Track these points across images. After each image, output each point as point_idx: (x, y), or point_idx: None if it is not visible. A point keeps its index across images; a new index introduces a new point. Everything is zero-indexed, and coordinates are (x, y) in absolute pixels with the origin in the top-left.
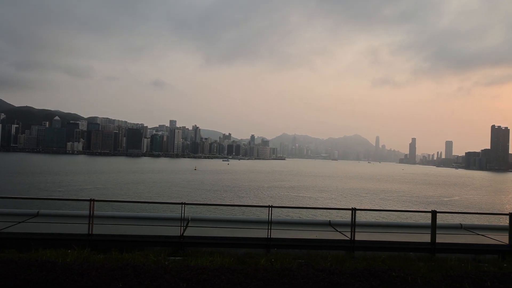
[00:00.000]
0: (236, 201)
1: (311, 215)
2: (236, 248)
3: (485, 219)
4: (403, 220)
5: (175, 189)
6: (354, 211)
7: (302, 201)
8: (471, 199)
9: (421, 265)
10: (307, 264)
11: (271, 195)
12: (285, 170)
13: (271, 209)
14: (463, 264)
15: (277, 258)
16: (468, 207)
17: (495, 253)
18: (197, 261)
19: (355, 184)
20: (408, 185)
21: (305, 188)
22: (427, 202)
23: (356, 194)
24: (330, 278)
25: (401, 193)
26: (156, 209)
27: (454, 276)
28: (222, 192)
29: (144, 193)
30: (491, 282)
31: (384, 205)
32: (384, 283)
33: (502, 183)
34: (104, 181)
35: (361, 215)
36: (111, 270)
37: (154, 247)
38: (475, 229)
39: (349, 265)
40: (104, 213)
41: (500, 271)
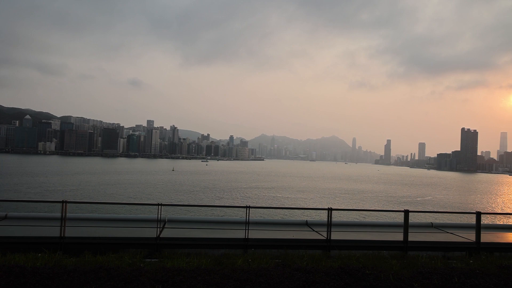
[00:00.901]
0: (215, 202)
1: (288, 215)
2: (213, 249)
3: (455, 217)
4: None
5: (152, 190)
6: (330, 211)
7: (280, 201)
8: (442, 198)
9: (393, 263)
10: (283, 264)
11: (250, 195)
12: (264, 171)
13: (248, 210)
14: (433, 261)
15: (255, 258)
16: (439, 207)
17: (463, 250)
18: (173, 262)
19: (332, 185)
20: (383, 185)
21: (283, 189)
22: (401, 202)
23: (333, 194)
24: (305, 277)
25: (377, 193)
26: (132, 211)
27: (424, 273)
28: (200, 193)
29: (120, 195)
30: (458, 278)
31: (360, 205)
32: (358, 281)
33: (471, 183)
34: (78, 182)
35: (337, 214)
36: (84, 273)
37: (130, 249)
38: (445, 227)
39: (324, 264)
40: (77, 215)
41: (467, 267)
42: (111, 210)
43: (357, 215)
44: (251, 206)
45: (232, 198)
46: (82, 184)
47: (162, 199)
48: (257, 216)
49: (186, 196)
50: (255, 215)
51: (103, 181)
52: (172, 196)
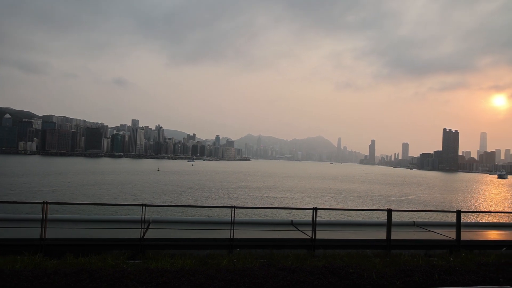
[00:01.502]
0: (200, 202)
1: (274, 215)
2: (198, 250)
3: (437, 216)
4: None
5: (136, 190)
6: (315, 211)
7: (266, 201)
8: (424, 197)
9: (377, 261)
10: (268, 264)
11: (236, 195)
12: (250, 171)
13: (234, 210)
14: (415, 259)
15: (240, 258)
16: (421, 205)
17: (444, 248)
18: (157, 263)
19: (318, 184)
20: (368, 185)
21: (269, 189)
22: (385, 201)
23: (318, 194)
24: (290, 277)
25: (361, 193)
26: (115, 212)
27: (406, 270)
28: (186, 193)
29: (104, 195)
30: (439, 275)
31: (344, 205)
32: (341, 280)
33: (452, 183)
34: (60, 182)
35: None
36: (65, 275)
37: (113, 251)
38: (427, 226)
39: (309, 263)
40: (58, 216)
41: (447, 264)
42: (94, 211)
43: (341, 214)
44: (236, 206)
45: (218, 199)
46: (64, 184)
47: (146, 200)
48: (243, 216)
49: (171, 197)
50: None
51: (86, 182)
52: (157, 196)
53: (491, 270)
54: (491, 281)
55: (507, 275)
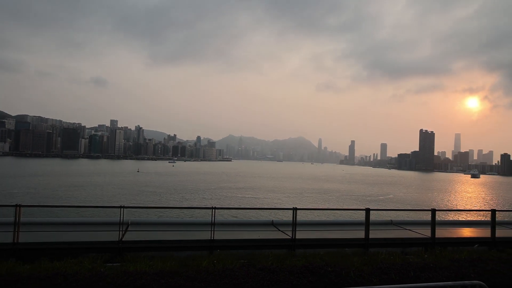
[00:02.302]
0: (181, 203)
1: (254, 216)
2: (178, 251)
3: (413, 215)
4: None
5: (115, 192)
6: (295, 211)
7: (247, 201)
8: (402, 196)
9: (355, 260)
10: (248, 264)
11: (217, 196)
12: (231, 172)
13: (214, 211)
14: (392, 256)
15: (220, 259)
16: (398, 204)
17: (419, 246)
18: (136, 266)
19: (299, 185)
20: (348, 184)
21: (250, 189)
22: (364, 201)
23: (299, 194)
24: (270, 276)
25: (341, 193)
26: (93, 214)
27: (383, 268)
28: (166, 194)
29: (81, 197)
30: (414, 272)
31: (324, 204)
32: (320, 278)
33: (428, 182)
34: (35, 184)
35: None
36: (39, 280)
37: (90, 254)
38: (404, 224)
39: (289, 263)
40: (32, 220)
41: (422, 261)
42: (70, 214)
43: (321, 214)
44: (216, 207)
45: (199, 199)
46: (39, 187)
47: (125, 202)
48: (224, 217)
49: (151, 198)
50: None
51: (63, 184)
52: (137, 198)
53: (464, 266)
54: (463, 276)
55: (478, 270)
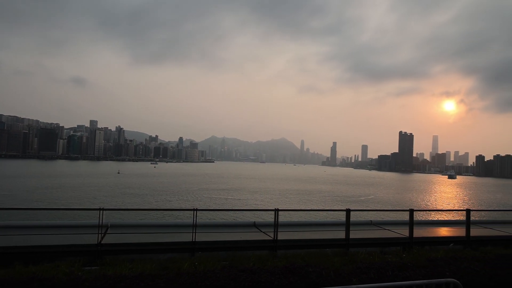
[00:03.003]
0: (163, 205)
1: (236, 217)
2: (159, 254)
3: (392, 215)
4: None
5: (94, 194)
6: (277, 212)
7: (230, 203)
8: (382, 197)
9: (335, 260)
10: (230, 266)
11: (199, 198)
12: (214, 173)
13: (195, 212)
14: (371, 256)
15: (202, 261)
16: (378, 205)
17: (398, 245)
18: (115, 269)
19: (281, 186)
20: (329, 185)
21: (233, 190)
22: (346, 201)
23: (282, 195)
24: (251, 278)
25: (323, 193)
26: (71, 216)
27: (362, 268)
28: (148, 196)
29: (58, 200)
30: (392, 271)
31: (307, 205)
32: (301, 279)
33: (407, 183)
34: (9, 186)
35: (285, 215)
36: (13, 285)
37: (67, 258)
38: (383, 224)
39: (270, 264)
40: (7, 223)
41: (400, 260)
42: (47, 217)
43: (303, 215)
44: (198, 209)
45: (181, 201)
46: (14, 188)
47: (105, 204)
48: (206, 219)
49: (132, 200)
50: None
51: (39, 185)
52: (117, 200)
53: (440, 265)
54: (439, 275)
55: (453, 269)
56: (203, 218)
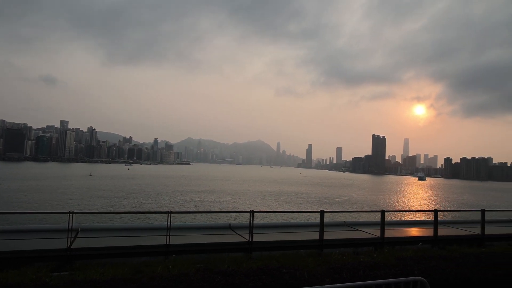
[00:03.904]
0: (137, 208)
1: (212, 219)
2: (132, 258)
3: (366, 215)
4: (297, 220)
5: (64, 197)
6: (252, 214)
7: (205, 205)
8: (357, 198)
9: (309, 261)
10: (205, 268)
11: (174, 200)
12: (190, 175)
13: (170, 215)
14: (344, 256)
15: (176, 264)
16: (352, 206)
17: (370, 246)
18: (85, 274)
19: (258, 188)
20: (305, 187)
21: (209, 192)
22: (321, 202)
23: (258, 196)
24: (226, 280)
25: (298, 195)
26: (39, 221)
27: (335, 268)
28: (121, 199)
29: (26, 203)
30: (364, 271)
31: (281, 207)
32: (275, 280)
33: (380, 184)
34: None
35: (260, 217)
36: None
37: (35, 264)
38: (356, 225)
39: (245, 265)
40: None
41: (372, 260)
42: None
43: (278, 216)
44: (173, 211)
45: (156, 204)
46: None
47: (76, 207)
48: (180, 221)
49: (105, 203)
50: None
51: (5, 188)
52: (88, 203)
53: (409, 264)
54: (408, 273)
55: (421, 267)
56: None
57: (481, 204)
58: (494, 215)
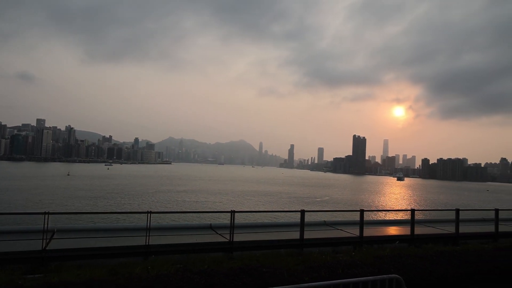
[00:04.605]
0: (116, 208)
1: (193, 219)
2: (110, 259)
3: (345, 215)
4: (277, 219)
5: (40, 197)
6: (233, 214)
7: (187, 205)
8: (337, 198)
9: (289, 260)
10: (184, 269)
11: (156, 200)
12: (171, 175)
13: (149, 215)
14: (323, 255)
15: (155, 265)
16: (332, 206)
17: (349, 245)
18: (60, 276)
19: (240, 187)
20: (287, 187)
21: (191, 192)
22: (303, 202)
23: (240, 196)
24: (205, 280)
25: (280, 195)
26: (13, 222)
27: (314, 267)
28: (100, 199)
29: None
30: (342, 269)
31: (263, 207)
32: (255, 279)
33: (360, 184)
34: None
35: (241, 216)
36: None
37: (8, 266)
38: (336, 224)
39: (225, 265)
40: None
41: (350, 259)
42: None
43: (259, 216)
44: (152, 211)
45: (136, 204)
46: None
47: (52, 207)
48: (161, 221)
49: (83, 203)
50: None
51: None
52: (66, 203)
53: (386, 262)
54: (385, 271)
55: (397, 265)
56: (158, 221)
57: (456, 204)
58: (468, 214)
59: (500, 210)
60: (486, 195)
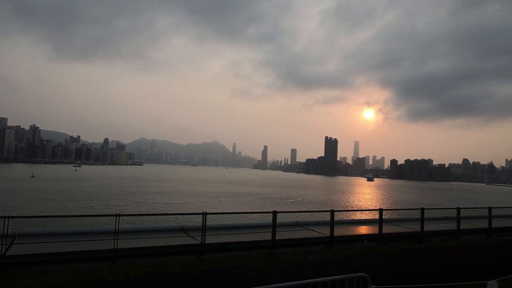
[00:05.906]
0: (83, 211)
1: (164, 222)
2: (76, 264)
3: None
4: (250, 221)
5: (0, 201)
6: (205, 215)
7: (158, 207)
8: (310, 198)
9: (261, 261)
10: (154, 272)
11: (125, 203)
12: (142, 176)
13: (118, 218)
14: (295, 256)
15: (123, 269)
16: (304, 206)
17: (320, 245)
18: (21, 283)
19: (213, 189)
20: (260, 188)
21: (162, 194)
22: (276, 203)
23: (213, 198)
24: (176, 283)
25: (253, 196)
26: None
27: (286, 267)
28: (66, 202)
29: None
30: (312, 269)
31: (236, 208)
32: (226, 281)
33: (331, 185)
34: None
35: (213, 218)
36: None
37: None
38: (307, 225)
39: (196, 268)
40: None
41: (321, 259)
42: None
43: (231, 217)
44: (121, 214)
45: (105, 207)
46: None
47: (13, 211)
48: (130, 224)
49: (47, 206)
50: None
51: None
52: (29, 206)
53: (355, 261)
54: (354, 270)
55: (366, 264)
56: (128, 224)
57: (422, 203)
58: (432, 213)
59: (462, 209)
60: (450, 194)
